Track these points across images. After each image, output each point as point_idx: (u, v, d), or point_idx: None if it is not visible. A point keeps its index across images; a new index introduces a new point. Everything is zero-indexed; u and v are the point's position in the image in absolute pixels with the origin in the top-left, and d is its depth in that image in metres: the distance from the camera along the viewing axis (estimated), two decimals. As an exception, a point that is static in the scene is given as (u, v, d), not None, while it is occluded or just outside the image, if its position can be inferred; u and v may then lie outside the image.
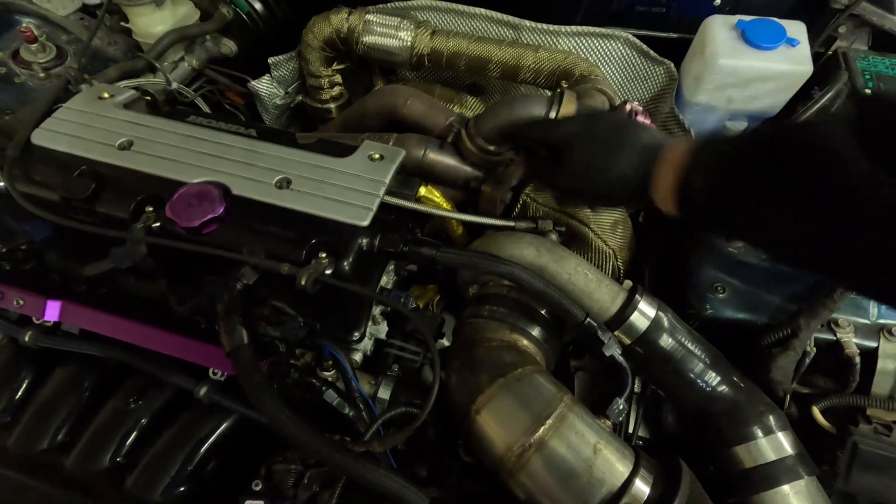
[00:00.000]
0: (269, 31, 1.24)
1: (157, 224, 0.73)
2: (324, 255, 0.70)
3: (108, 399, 0.78)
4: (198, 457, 0.74)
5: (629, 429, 0.90)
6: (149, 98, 0.97)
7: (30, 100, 0.98)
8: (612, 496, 0.63)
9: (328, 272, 0.70)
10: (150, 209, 0.74)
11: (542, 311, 0.82)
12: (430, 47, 1.04)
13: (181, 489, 0.73)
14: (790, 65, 0.98)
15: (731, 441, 0.75)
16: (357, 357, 0.83)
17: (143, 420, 0.76)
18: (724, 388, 0.78)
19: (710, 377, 0.78)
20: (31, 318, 0.80)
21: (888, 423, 0.72)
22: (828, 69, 1.05)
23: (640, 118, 0.85)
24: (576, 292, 0.79)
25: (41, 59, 1.03)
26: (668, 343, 0.79)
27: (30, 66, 1.02)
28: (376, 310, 0.84)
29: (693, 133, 1.06)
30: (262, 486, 0.70)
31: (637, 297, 0.79)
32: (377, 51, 1.06)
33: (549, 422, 0.65)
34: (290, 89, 1.24)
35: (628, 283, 0.83)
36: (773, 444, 0.73)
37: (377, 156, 0.81)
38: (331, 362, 0.80)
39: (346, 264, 0.71)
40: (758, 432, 0.73)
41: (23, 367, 0.81)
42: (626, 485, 0.64)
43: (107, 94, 0.87)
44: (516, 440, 0.65)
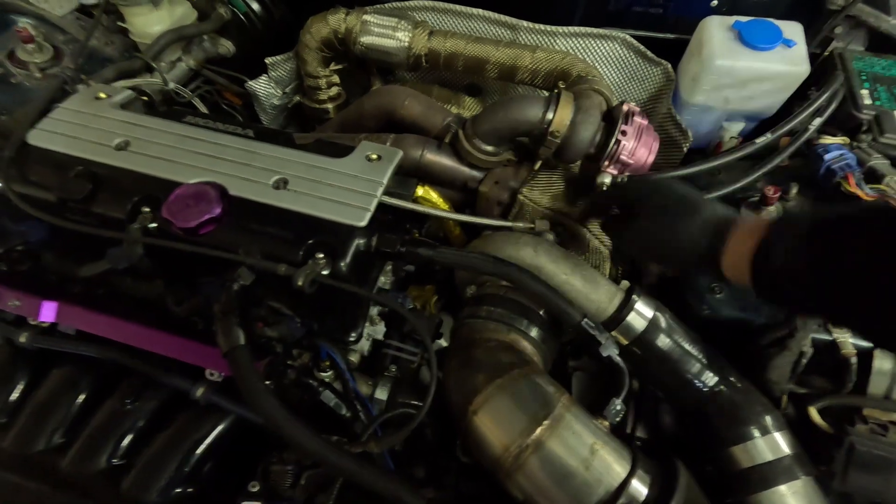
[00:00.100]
0: (267, 31, 1.24)
1: (154, 225, 0.73)
2: (321, 256, 0.70)
3: (105, 400, 0.78)
4: (194, 458, 0.74)
5: (627, 429, 0.90)
6: (146, 98, 0.97)
7: (26, 100, 0.97)
8: (609, 497, 0.63)
9: (325, 273, 0.70)
10: (147, 210, 0.74)
11: (540, 312, 0.82)
12: (427, 48, 1.03)
13: (178, 491, 0.73)
14: (787, 65, 0.98)
15: (728, 441, 0.75)
16: (354, 358, 0.83)
17: (140, 421, 0.76)
18: (721, 389, 0.78)
19: (708, 377, 0.78)
20: (28, 318, 0.80)
21: (884, 423, 0.72)
22: (824, 70, 1.05)
23: (636, 119, 0.85)
24: (573, 293, 0.79)
25: (37, 60, 1.03)
26: (665, 343, 0.79)
27: (26, 67, 1.02)
28: (374, 310, 0.84)
29: (690, 134, 1.06)
30: (259, 488, 0.70)
31: (634, 298, 0.80)
32: (375, 51, 1.06)
33: (546, 423, 0.65)
34: (287, 90, 1.24)
35: (626, 283, 0.83)
36: (771, 444, 0.73)
37: (374, 156, 0.81)
38: (328, 363, 0.80)
39: (344, 265, 0.71)
40: (755, 432, 0.74)
41: (19, 368, 0.81)
42: (624, 485, 0.64)
43: (103, 95, 0.87)
44: (513, 441, 0.65)
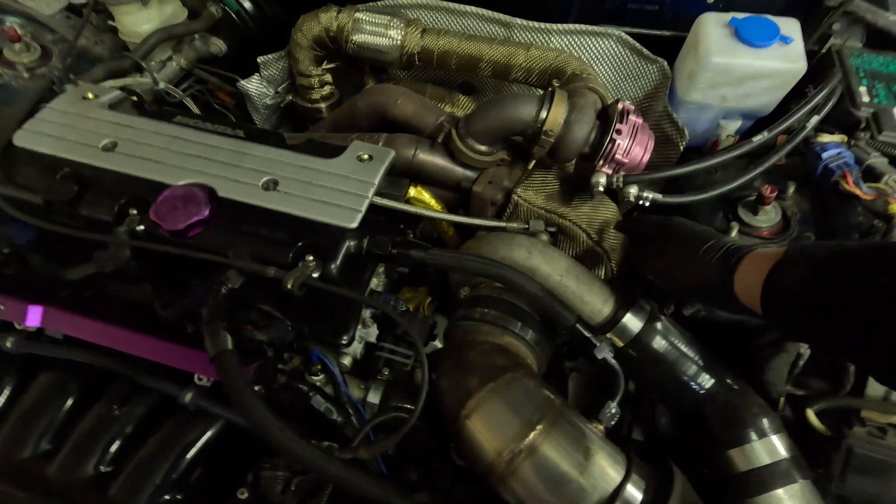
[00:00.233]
0: (259, 29, 1.22)
1: (142, 227, 0.72)
2: (311, 258, 0.69)
3: (92, 405, 0.77)
4: (183, 464, 0.73)
5: (623, 431, 0.89)
6: (135, 98, 0.96)
7: (13, 100, 0.96)
8: (603, 502, 0.62)
9: (315, 275, 0.69)
10: (135, 212, 0.73)
11: (535, 314, 0.81)
12: (420, 46, 1.02)
13: (166, 497, 0.72)
14: (784, 63, 0.97)
15: (724, 444, 0.74)
16: (346, 361, 0.82)
17: (128, 427, 0.75)
18: (717, 391, 0.77)
19: (704, 379, 0.77)
20: (14, 323, 0.79)
21: (883, 426, 0.71)
22: (822, 67, 1.04)
23: (631, 117, 0.84)
24: (567, 294, 0.78)
25: (25, 59, 1.01)
26: (661, 345, 0.78)
27: (13, 66, 1.01)
28: (366, 313, 0.83)
29: (686, 132, 1.05)
30: (247, 495, 0.69)
31: (629, 300, 0.79)
32: (367, 50, 1.04)
33: (540, 427, 0.64)
34: (280, 89, 1.22)
35: (621, 285, 0.82)
36: (768, 447, 0.72)
37: (366, 156, 0.80)
38: (319, 367, 0.79)
39: (334, 267, 0.70)
40: (752, 435, 0.72)
41: (5, 374, 0.80)
42: (618, 490, 0.63)
43: (91, 95, 0.86)
44: (506, 446, 0.64)
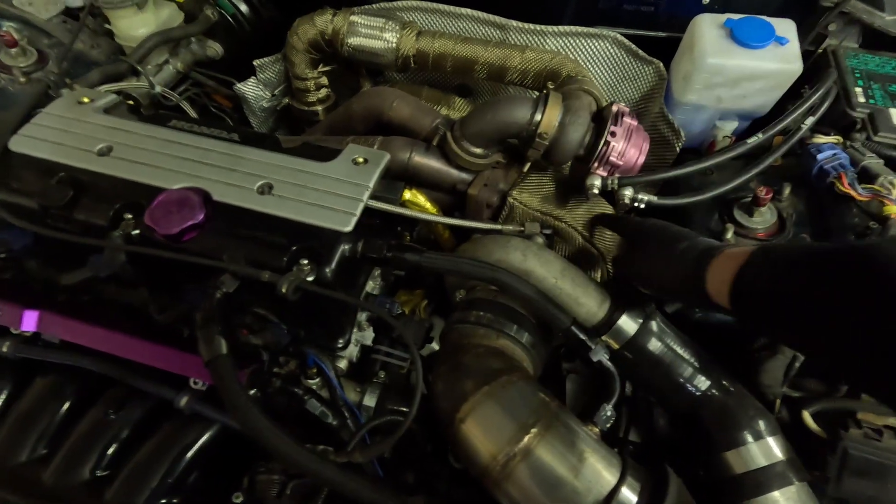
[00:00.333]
0: (256, 32, 1.22)
1: (137, 231, 0.72)
2: (305, 262, 0.69)
3: (89, 410, 0.77)
4: (179, 468, 0.72)
5: (620, 433, 0.89)
6: (131, 102, 0.96)
7: (9, 105, 0.96)
8: (598, 505, 0.62)
9: (310, 279, 0.69)
10: (130, 216, 0.73)
11: (530, 316, 0.81)
12: (415, 48, 1.02)
13: (162, 501, 0.72)
14: (779, 63, 0.97)
15: (720, 446, 0.73)
16: (342, 364, 0.82)
17: (124, 431, 0.75)
18: (713, 393, 0.77)
19: (700, 381, 0.77)
20: (10, 328, 0.79)
21: (879, 428, 0.71)
22: (818, 68, 1.04)
23: (626, 119, 0.84)
24: (562, 297, 0.78)
25: (21, 64, 1.02)
26: (656, 347, 0.78)
27: (9, 71, 1.01)
28: (362, 316, 0.83)
29: (682, 133, 1.05)
30: (242, 499, 0.69)
31: (625, 302, 0.78)
32: (362, 52, 1.04)
33: (535, 430, 0.64)
34: (276, 92, 1.22)
35: (616, 286, 0.82)
36: (764, 449, 0.72)
37: (361, 159, 0.79)
38: (315, 370, 0.79)
39: (329, 271, 0.70)
40: (748, 437, 0.72)
41: (0, 379, 0.80)
42: (613, 493, 0.62)
43: (87, 99, 0.86)
44: (501, 449, 0.64)
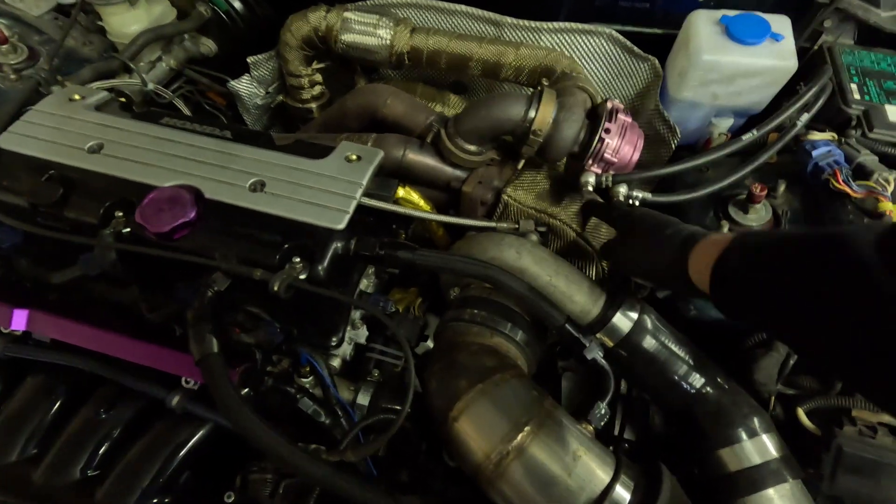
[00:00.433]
0: (250, 29, 1.22)
1: (128, 229, 0.71)
2: (298, 260, 0.69)
3: (80, 409, 0.76)
4: (171, 467, 0.72)
5: (615, 431, 0.89)
6: (123, 100, 0.95)
7: (-1, 102, 0.95)
8: (592, 503, 0.62)
9: (302, 277, 0.68)
10: (120, 214, 0.72)
11: (525, 314, 0.81)
12: (409, 45, 1.02)
13: (154, 501, 0.71)
14: (775, 60, 0.97)
15: (715, 444, 0.73)
16: (336, 363, 0.82)
17: (115, 431, 0.74)
18: (708, 390, 0.76)
19: (695, 379, 0.77)
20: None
21: (873, 425, 0.71)
22: (813, 64, 1.04)
23: (620, 116, 0.84)
24: (556, 294, 0.78)
25: (12, 61, 1.01)
26: (651, 345, 0.77)
27: (0, 68, 1.00)
28: (356, 314, 0.82)
29: (678, 130, 1.05)
30: (234, 499, 0.69)
31: (619, 299, 0.78)
32: (356, 49, 1.04)
33: (528, 428, 0.64)
34: (270, 89, 1.22)
35: (611, 284, 0.82)
36: (758, 446, 0.72)
37: (354, 157, 0.79)
38: (308, 368, 0.79)
39: (321, 269, 0.70)
40: (742, 435, 0.72)
41: (-9, 378, 0.80)
42: (607, 491, 0.62)
43: (78, 96, 0.85)
44: (494, 448, 0.63)
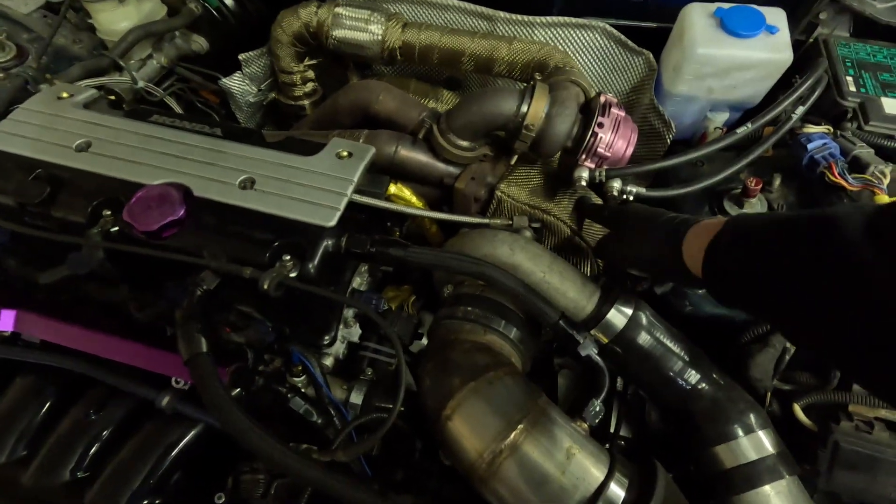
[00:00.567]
0: (241, 26, 1.21)
1: (116, 228, 0.70)
2: (288, 258, 0.68)
3: (69, 410, 0.75)
4: (161, 469, 0.71)
5: (611, 428, 0.88)
6: (112, 98, 0.95)
7: (-14, 101, 0.94)
8: (586, 501, 0.61)
9: (293, 275, 0.67)
10: (108, 213, 0.71)
11: (519, 311, 0.80)
12: (401, 40, 1.01)
13: (144, 503, 0.71)
14: (770, 53, 0.96)
15: (711, 440, 0.73)
16: (329, 361, 0.81)
17: (105, 432, 0.74)
18: (703, 386, 0.76)
19: (690, 375, 0.76)
20: (-12, 328, 0.77)
21: (870, 420, 0.70)
22: (808, 57, 1.03)
23: (614, 110, 0.83)
24: (550, 291, 0.77)
25: (0, 59, 1.00)
26: (646, 341, 0.77)
27: (-13, 66, 0.99)
28: (349, 312, 0.82)
29: (673, 125, 1.04)
30: (224, 500, 0.68)
31: (614, 295, 0.77)
32: (348, 45, 1.03)
33: (521, 426, 0.63)
34: (262, 86, 1.21)
35: (605, 280, 0.81)
36: (754, 443, 0.71)
37: (345, 153, 0.78)
38: (300, 367, 0.78)
39: (312, 267, 0.69)
40: (738, 431, 0.72)
41: (-21, 380, 0.79)
42: (601, 489, 0.62)
43: (66, 94, 0.85)
44: (487, 446, 0.63)
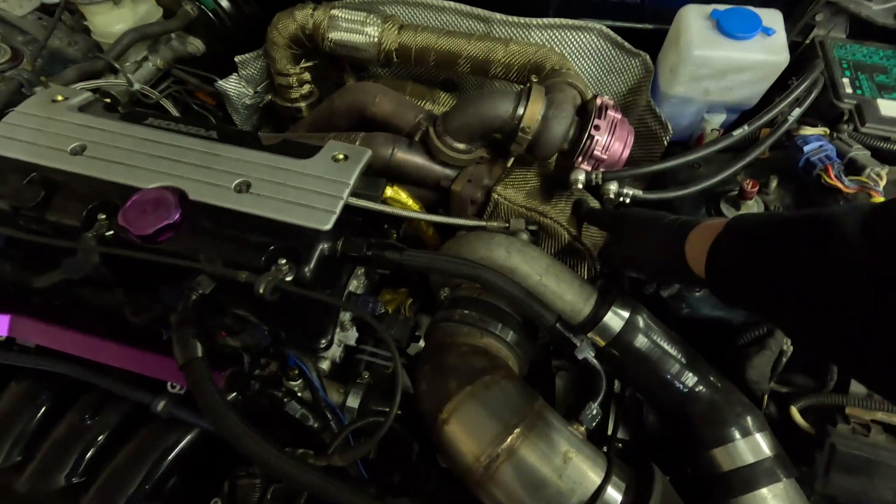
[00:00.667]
0: (237, 28, 1.20)
1: (111, 232, 0.70)
2: (284, 262, 0.68)
3: (65, 415, 0.75)
4: (157, 474, 0.71)
5: (608, 431, 0.88)
6: (107, 100, 0.94)
7: (-20, 104, 0.94)
8: (583, 505, 0.61)
9: (289, 279, 0.67)
10: (103, 217, 0.71)
11: (515, 314, 0.80)
12: (397, 43, 1.00)
13: (140, 508, 0.70)
14: (766, 55, 0.96)
15: (708, 443, 0.73)
16: (325, 365, 0.81)
17: (100, 437, 0.73)
18: (701, 389, 0.75)
19: (687, 378, 0.76)
20: (-18, 333, 0.77)
21: (867, 423, 0.70)
22: (805, 58, 1.03)
23: (610, 112, 0.83)
24: (547, 294, 0.77)
25: (-5, 62, 1.00)
26: (643, 344, 0.76)
27: (-17, 70, 0.99)
28: (345, 316, 0.81)
29: (670, 126, 1.04)
30: (219, 504, 0.68)
31: (610, 298, 0.77)
32: (344, 47, 1.03)
33: (518, 430, 0.63)
34: (259, 88, 1.20)
35: (602, 283, 0.81)
36: (751, 445, 0.71)
37: (341, 156, 0.78)
38: (297, 371, 0.78)
39: (308, 270, 0.69)
40: (735, 434, 0.71)
41: (-27, 384, 0.78)
42: (598, 493, 0.62)
43: (61, 97, 0.84)
44: (483, 450, 0.62)
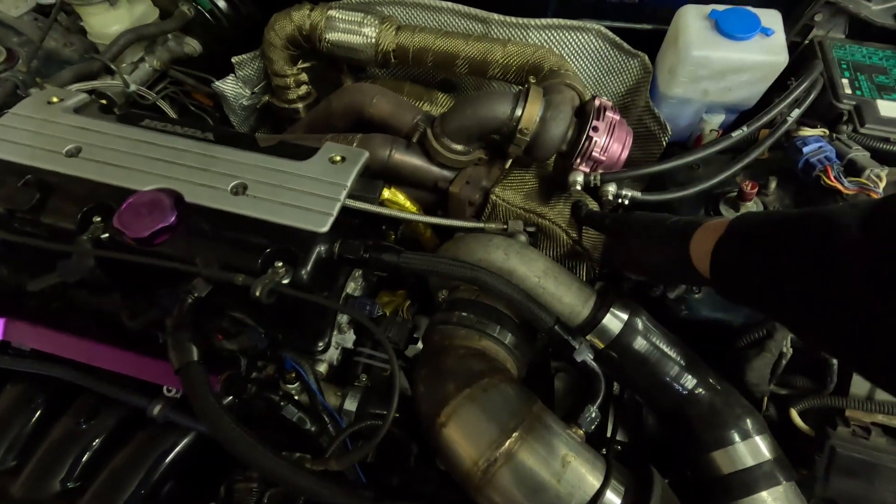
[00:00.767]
0: (234, 29, 1.20)
1: (106, 235, 0.70)
2: (280, 264, 0.67)
3: (60, 419, 0.74)
4: (154, 478, 0.71)
5: (607, 434, 0.88)
6: (103, 102, 0.94)
7: (-25, 106, 0.93)
8: (582, 509, 0.61)
9: (285, 282, 0.67)
10: (98, 219, 0.71)
11: (514, 316, 0.79)
12: (395, 43, 1.00)
13: (136, 513, 0.70)
14: (765, 55, 0.95)
15: (708, 446, 0.72)
16: (322, 368, 0.80)
17: (96, 441, 0.73)
18: (700, 391, 0.75)
19: (687, 380, 0.76)
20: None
21: (866, 425, 0.70)
22: (804, 59, 1.02)
23: (608, 114, 0.82)
24: (545, 296, 0.77)
25: (-10, 63, 0.99)
26: (642, 346, 0.76)
27: (-22, 71, 0.98)
28: (343, 318, 0.81)
29: (669, 127, 1.04)
30: (216, 509, 0.68)
31: (609, 300, 0.77)
32: (341, 48, 1.02)
33: (516, 434, 0.63)
34: (256, 89, 1.20)
35: (601, 285, 0.81)
36: (751, 448, 0.71)
37: (338, 158, 0.78)
38: (294, 374, 0.77)
39: (305, 273, 0.68)
40: (735, 437, 0.71)
41: (-32, 389, 0.78)
42: (597, 497, 0.61)
43: (56, 99, 0.84)
44: (482, 454, 0.62)
